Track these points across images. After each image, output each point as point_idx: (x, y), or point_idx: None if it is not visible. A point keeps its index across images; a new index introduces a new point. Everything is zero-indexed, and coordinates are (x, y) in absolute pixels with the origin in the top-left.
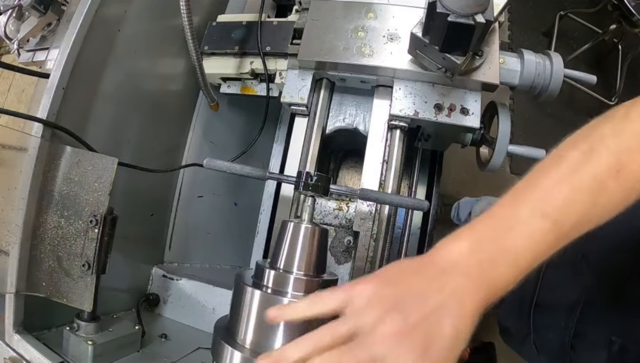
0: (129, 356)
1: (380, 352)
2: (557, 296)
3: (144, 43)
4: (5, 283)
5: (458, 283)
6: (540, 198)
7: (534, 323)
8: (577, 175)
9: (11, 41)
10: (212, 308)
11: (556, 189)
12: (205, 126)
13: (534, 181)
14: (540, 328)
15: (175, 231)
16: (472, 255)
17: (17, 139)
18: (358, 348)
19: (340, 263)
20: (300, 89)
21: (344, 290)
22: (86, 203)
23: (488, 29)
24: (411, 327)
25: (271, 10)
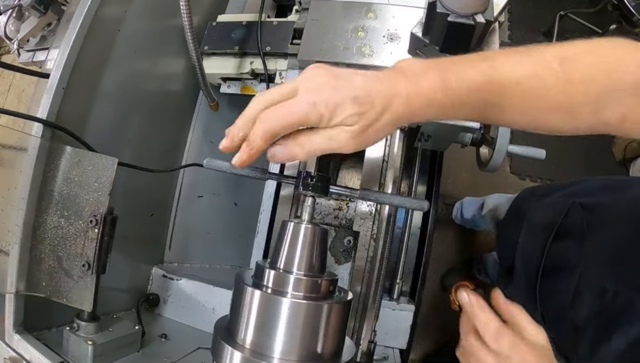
0: (129, 356)
1: (299, 80)
2: (560, 263)
3: (144, 43)
4: (5, 283)
5: (388, 74)
6: (490, 55)
7: (540, 294)
8: (528, 49)
9: (11, 41)
10: (212, 308)
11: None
12: (205, 126)
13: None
14: (546, 297)
15: (175, 231)
16: (410, 63)
17: (17, 139)
18: (285, 84)
19: (340, 263)
20: None
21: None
22: (86, 203)
23: (488, 29)
24: (336, 76)
25: (271, 10)
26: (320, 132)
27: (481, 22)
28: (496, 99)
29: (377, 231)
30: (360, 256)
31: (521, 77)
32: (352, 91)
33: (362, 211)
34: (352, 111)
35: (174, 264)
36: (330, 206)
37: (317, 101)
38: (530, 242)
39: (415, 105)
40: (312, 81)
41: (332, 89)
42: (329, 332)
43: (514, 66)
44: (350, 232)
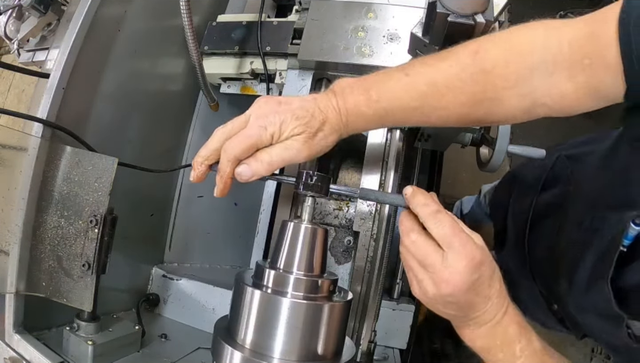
0: (129, 356)
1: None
2: (547, 211)
3: (144, 43)
4: (5, 283)
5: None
6: (412, 62)
7: (529, 249)
8: (447, 52)
9: (11, 41)
10: (212, 308)
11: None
12: (205, 126)
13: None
14: (534, 247)
15: (175, 231)
16: (341, 84)
17: (17, 139)
18: (248, 128)
19: (340, 263)
20: (300, 89)
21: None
22: (86, 203)
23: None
24: (279, 102)
25: (271, 10)
26: (276, 145)
27: (481, 22)
28: (416, 103)
29: (377, 231)
30: (360, 256)
31: (435, 78)
32: (292, 110)
33: (362, 211)
34: (295, 123)
35: (174, 264)
36: (330, 206)
37: (265, 123)
38: (520, 200)
39: (347, 118)
40: (259, 109)
41: (276, 112)
42: (329, 332)
43: (428, 69)
44: (350, 232)
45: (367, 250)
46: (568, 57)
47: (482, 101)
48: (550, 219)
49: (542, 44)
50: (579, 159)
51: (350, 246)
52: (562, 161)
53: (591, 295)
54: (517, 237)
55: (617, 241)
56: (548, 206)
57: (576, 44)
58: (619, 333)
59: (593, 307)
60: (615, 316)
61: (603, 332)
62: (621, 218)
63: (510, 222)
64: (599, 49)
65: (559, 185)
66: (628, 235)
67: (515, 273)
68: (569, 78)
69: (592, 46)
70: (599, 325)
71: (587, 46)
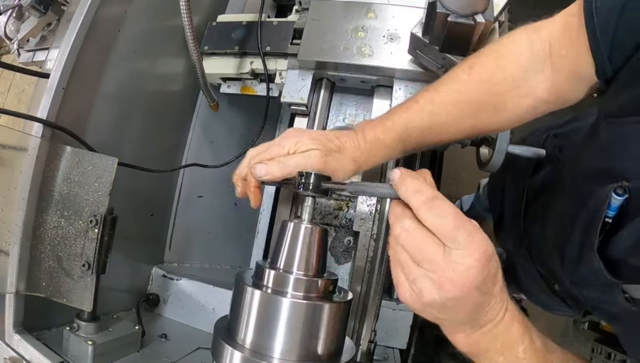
0: (129, 356)
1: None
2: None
3: (144, 43)
4: (5, 283)
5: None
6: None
7: (525, 229)
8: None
9: (11, 41)
10: (212, 308)
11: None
12: (205, 126)
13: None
14: (530, 227)
15: (175, 231)
16: (362, 125)
17: (17, 139)
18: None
19: (340, 263)
20: (300, 89)
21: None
22: (86, 203)
23: (488, 29)
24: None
25: (271, 10)
26: (295, 154)
27: (481, 22)
28: (426, 123)
29: (377, 231)
30: (360, 256)
31: (439, 98)
32: (309, 134)
33: (362, 211)
34: (310, 142)
35: (174, 264)
36: (330, 206)
37: (284, 141)
38: (515, 182)
39: (367, 151)
40: (284, 134)
41: (295, 135)
42: (329, 332)
43: (433, 92)
44: (350, 232)
45: (367, 250)
46: (551, 51)
47: (487, 109)
48: (542, 198)
49: (527, 45)
50: (566, 137)
51: (350, 246)
52: (551, 141)
53: (583, 267)
54: (513, 219)
55: (600, 211)
56: (541, 186)
57: (553, 37)
58: (617, 300)
59: (586, 279)
60: (609, 284)
61: (601, 302)
62: (605, 189)
63: (506, 206)
64: (572, 37)
65: (549, 164)
66: (611, 206)
67: (514, 255)
68: (555, 70)
69: (566, 37)
70: (596, 296)
71: (562, 38)
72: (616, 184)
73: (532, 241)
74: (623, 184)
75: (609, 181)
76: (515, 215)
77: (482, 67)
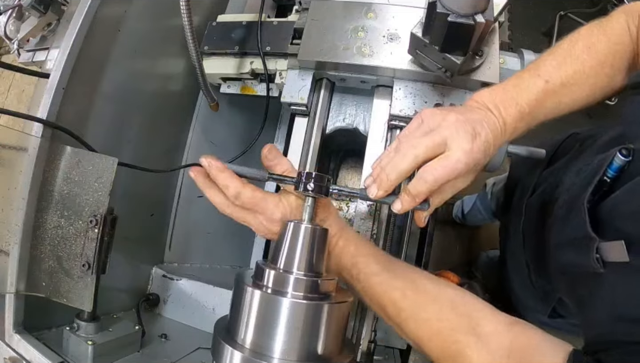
0: (129, 356)
1: (447, 134)
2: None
3: (144, 43)
4: (5, 283)
5: (484, 113)
6: (538, 66)
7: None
8: (561, 51)
9: (11, 41)
10: (212, 308)
11: (549, 58)
12: (205, 126)
13: (541, 56)
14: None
15: (175, 231)
16: (490, 100)
17: (17, 139)
18: (433, 134)
19: None
20: (300, 89)
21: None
22: (86, 203)
23: (488, 29)
24: (465, 119)
25: (271, 10)
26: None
27: (481, 22)
28: (554, 104)
29: (377, 231)
30: None
31: (565, 78)
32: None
33: (362, 211)
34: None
35: (174, 264)
36: None
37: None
38: (530, 174)
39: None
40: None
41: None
42: (329, 332)
43: (558, 71)
44: None
45: None
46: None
47: (602, 88)
48: (554, 187)
49: (627, 33)
50: (589, 135)
51: None
52: (573, 138)
53: (568, 224)
54: (518, 202)
55: (601, 167)
56: (554, 171)
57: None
58: (588, 260)
59: (568, 235)
60: (587, 240)
61: (573, 265)
62: (611, 152)
63: (517, 194)
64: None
65: (565, 157)
66: (613, 165)
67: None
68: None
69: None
70: (569, 259)
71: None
72: (623, 145)
73: (529, 224)
74: (629, 147)
75: (616, 145)
76: (522, 198)
77: (598, 47)
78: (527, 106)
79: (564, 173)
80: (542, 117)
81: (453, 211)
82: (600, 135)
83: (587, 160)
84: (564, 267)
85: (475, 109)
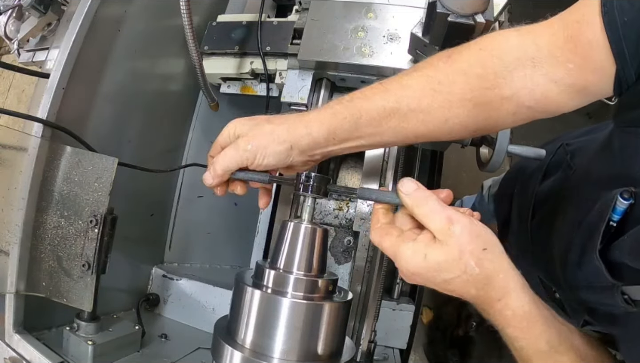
0: (129, 356)
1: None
2: (548, 197)
3: (144, 43)
4: (5, 283)
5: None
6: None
7: (532, 234)
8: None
9: (11, 41)
10: (212, 308)
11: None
12: (205, 126)
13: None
14: (537, 232)
15: (175, 231)
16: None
17: (17, 139)
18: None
19: (340, 263)
20: (300, 89)
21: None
22: (86, 203)
23: (488, 29)
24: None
25: (271, 10)
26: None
27: (481, 22)
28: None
29: None
30: (360, 256)
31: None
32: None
33: (362, 211)
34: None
35: (174, 264)
36: (330, 206)
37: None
38: (524, 188)
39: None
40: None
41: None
42: (329, 332)
43: (404, 77)
44: (350, 232)
45: (367, 250)
46: (547, 59)
47: (462, 104)
48: (550, 204)
49: (516, 44)
50: (578, 147)
51: (350, 246)
52: (563, 149)
53: (584, 269)
54: (520, 225)
55: (605, 213)
56: (549, 192)
57: (554, 46)
58: (616, 301)
59: (586, 281)
60: (609, 286)
61: (600, 304)
62: (612, 194)
63: (514, 212)
64: (582, 52)
65: (560, 171)
66: (616, 210)
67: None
68: (550, 80)
69: (573, 50)
70: (595, 298)
71: (567, 50)
72: (623, 188)
73: (536, 247)
74: (630, 189)
75: (617, 186)
76: (522, 222)
77: (461, 56)
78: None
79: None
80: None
81: None
82: (588, 148)
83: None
84: (591, 305)
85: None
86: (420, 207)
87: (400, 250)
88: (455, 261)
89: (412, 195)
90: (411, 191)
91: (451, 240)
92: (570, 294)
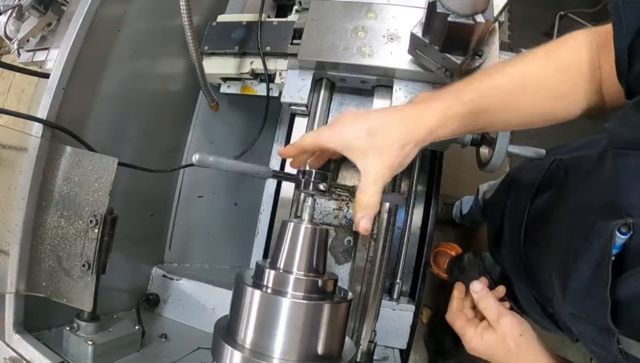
0: (129, 356)
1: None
2: (542, 215)
3: (144, 43)
4: (5, 283)
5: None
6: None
7: (525, 252)
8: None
9: (11, 41)
10: (212, 308)
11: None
12: (205, 126)
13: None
14: (529, 252)
15: (175, 231)
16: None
17: (17, 139)
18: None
19: (340, 263)
20: (300, 89)
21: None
22: (86, 203)
23: (488, 29)
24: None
25: (271, 10)
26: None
27: (481, 22)
28: (505, 100)
29: (377, 231)
30: (360, 256)
31: (519, 76)
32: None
33: None
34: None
35: (174, 264)
36: (330, 206)
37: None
38: (516, 203)
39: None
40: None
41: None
42: (329, 332)
43: (512, 69)
44: (350, 232)
45: (367, 250)
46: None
47: (562, 97)
48: (544, 224)
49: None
50: (572, 164)
51: (350, 246)
52: (557, 165)
53: (590, 302)
54: (512, 240)
55: (608, 250)
56: (543, 211)
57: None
58: (610, 346)
59: (587, 316)
60: (607, 330)
61: (595, 343)
62: (609, 226)
63: (506, 225)
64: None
65: (553, 189)
66: (615, 244)
67: (511, 273)
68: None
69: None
70: (592, 335)
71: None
72: (620, 221)
73: (529, 265)
74: (627, 222)
75: (613, 215)
76: (515, 236)
77: (557, 55)
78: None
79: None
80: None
81: (453, 212)
82: (581, 167)
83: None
84: (585, 338)
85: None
86: (481, 302)
87: (467, 331)
88: (500, 342)
89: (478, 293)
90: (478, 290)
91: (499, 327)
92: (567, 319)
